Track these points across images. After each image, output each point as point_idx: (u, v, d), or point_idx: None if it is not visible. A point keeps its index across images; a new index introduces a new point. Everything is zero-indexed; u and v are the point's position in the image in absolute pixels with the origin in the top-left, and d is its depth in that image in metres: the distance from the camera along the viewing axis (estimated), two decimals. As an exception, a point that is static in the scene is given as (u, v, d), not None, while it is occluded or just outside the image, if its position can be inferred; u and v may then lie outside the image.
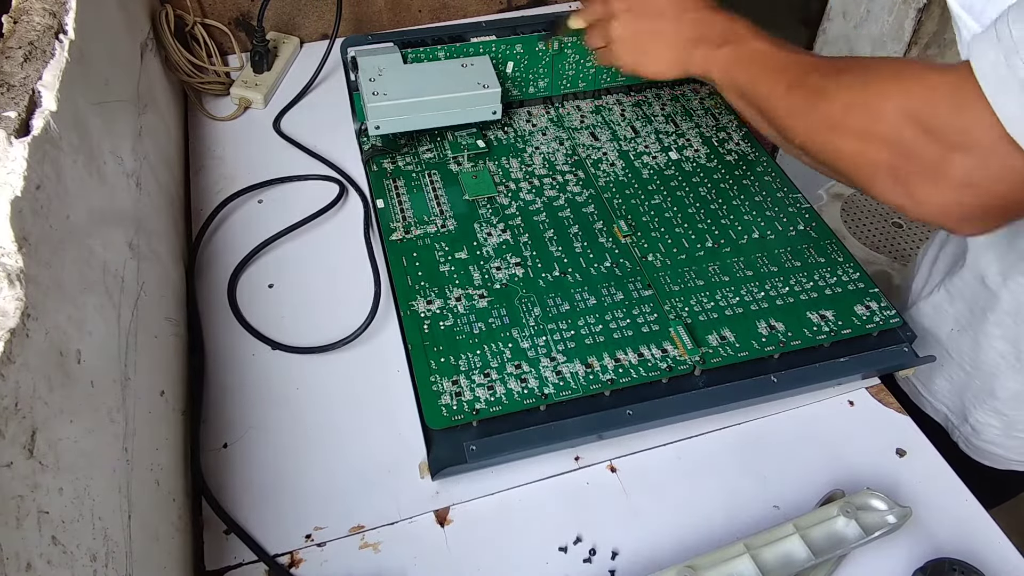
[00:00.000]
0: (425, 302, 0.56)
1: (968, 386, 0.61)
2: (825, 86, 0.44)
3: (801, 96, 0.45)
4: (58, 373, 0.33)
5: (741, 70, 0.51)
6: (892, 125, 0.39)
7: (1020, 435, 0.60)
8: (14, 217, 0.32)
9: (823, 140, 0.44)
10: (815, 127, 0.44)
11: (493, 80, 0.66)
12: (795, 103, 0.46)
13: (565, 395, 0.51)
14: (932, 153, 0.38)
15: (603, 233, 0.62)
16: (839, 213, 1.69)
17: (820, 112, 0.44)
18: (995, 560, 0.47)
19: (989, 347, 0.58)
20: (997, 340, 0.57)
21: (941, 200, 0.39)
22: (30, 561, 0.28)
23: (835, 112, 0.43)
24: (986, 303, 0.57)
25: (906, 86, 0.40)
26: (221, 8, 0.80)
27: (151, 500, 0.42)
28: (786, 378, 0.53)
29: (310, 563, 0.47)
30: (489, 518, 0.49)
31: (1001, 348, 0.57)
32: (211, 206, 0.66)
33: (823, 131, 0.44)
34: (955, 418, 0.64)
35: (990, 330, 0.57)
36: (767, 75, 0.48)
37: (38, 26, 0.43)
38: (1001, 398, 0.59)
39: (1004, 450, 0.62)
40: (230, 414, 0.53)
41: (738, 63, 0.51)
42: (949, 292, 0.61)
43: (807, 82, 0.45)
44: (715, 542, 0.47)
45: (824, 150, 0.44)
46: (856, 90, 0.42)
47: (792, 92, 0.46)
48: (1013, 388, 0.58)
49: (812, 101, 0.44)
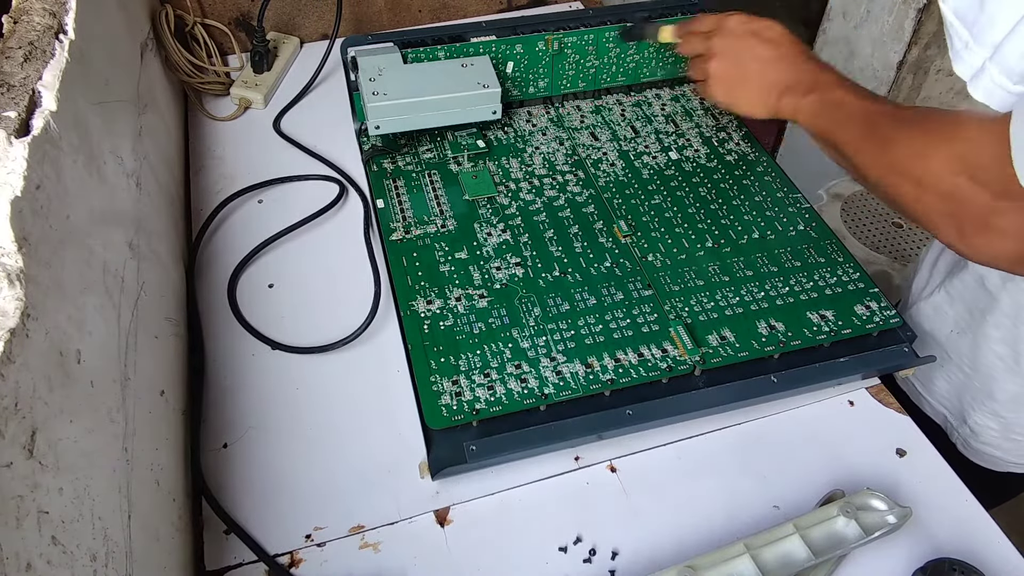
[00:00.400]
0: (425, 302, 0.56)
1: (967, 388, 0.61)
2: (892, 135, 0.47)
3: (873, 144, 0.49)
4: (58, 373, 0.33)
5: (823, 117, 0.54)
6: (943, 174, 0.42)
7: (1018, 437, 0.60)
8: (14, 217, 0.32)
9: (889, 184, 0.47)
10: (883, 172, 0.48)
11: (493, 80, 0.66)
12: (867, 150, 0.49)
13: (565, 395, 0.51)
14: (981, 201, 0.40)
15: (603, 233, 0.62)
16: (839, 213, 1.68)
17: (887, 159, 0.47)
18: (995, 560, 0.47)
19: (988, 349, 0.58)
20: (996, 343, 0.57)
21: (994, 246, 0.42)
22: (30, 561, 0.28)
23: (897, 160, 0.46)
24: (985, 305, 0.57)
25: (956, 136, 0.42)
26: (221, 8, 0.80)
27: (151, 500, 0.42)
28: (786, 378, 0.53)
29: (310, 563, 0.47)
30: (489, 518, 0.49)
31: (1000, 351, 0.57)
32: (211, 206, 0.66)
33: (889, 176, 0.47)
34: (954, 419, 0.64)
35: (989, 332, 0.57)
36: (846, 123, 0.52)
37: (38, 26, 0.43)
38: (999, 400, 0.59)
39: (1002, 452, 0.62)
40: (230, 414, 0.53)
41: (822, 111, 0.54)
42: (949, 294, 0.61)
43: (878, 131, 0.49)
44: (715, 542, 0.47)
45: (892, 194, 0.47)
46: (914, 139, 0.45)
47: (866, 139, 0.49)
48: (1011, 391, 0.58)
49: (882, 148, 0.48)
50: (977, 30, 0.41)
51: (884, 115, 0.49)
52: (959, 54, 0.43)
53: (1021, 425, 0.59)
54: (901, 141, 0.46)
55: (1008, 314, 0.55)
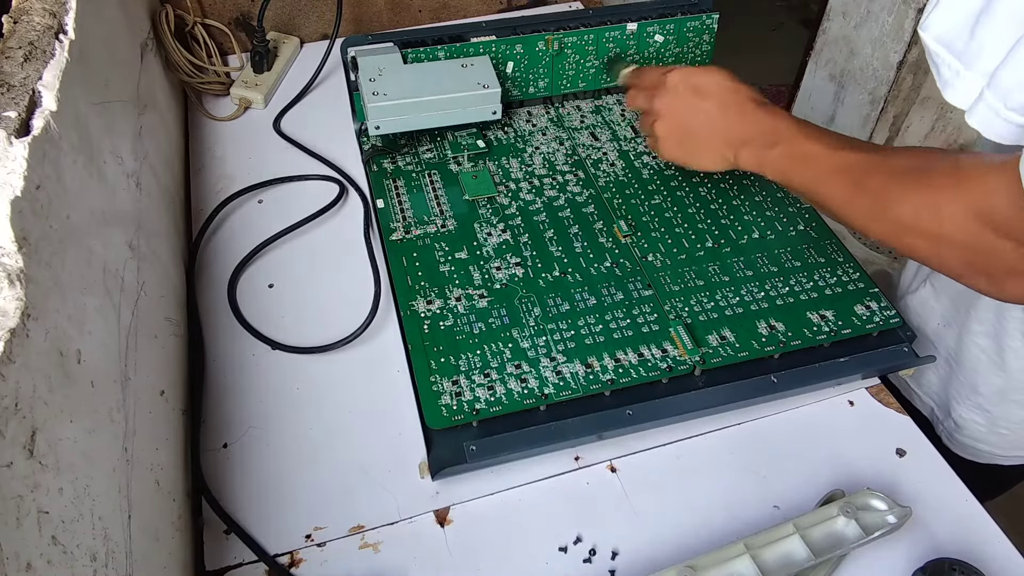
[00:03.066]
0: (425, 302, 0.56)
1: (952, 381, 0.62)
2: (889, 190, 0.44)
3: (868, 201, 0.46)
4: (58, 373, 0.33)
5: (796, 173, 0.51)
6: (960, 226, 0.40)
7: (1004, 431, 0.60)
8: (14, 217, 0.32)
9: (899, 242, 0.45)
10: (888, 230, 0.45)
11: (493, 80, 0.66)
12: (863, 208, 0.46)
13: (565, 395, 0.51)
14: (1004, 249, 0.39)
15: (603, 233, 0.62)
16: (839, 213, 1.68)
17: (890, 216, 0.44)
18: (995, 560, 0.47)
19: (972, 343, 0.58)
20: (979, 336, 0.57)
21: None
22: (30, 561, 0.28)
23: (903, 217, 0.43)
24: (969, 300, 0.57)
25: (965, 185, 0.40)
26: (221, 8, 0.80)
27: (151, 500, 0.42)
28: (786, 378, 0.53)
29: (310, 563, 0.47)
30: (489, 518, 0.49)
31: (983, 344, 0.57)
32: (211, 206, 0.66)
33: (897, 234, 0.44)
34: (939, 412, 0.65)
35: (973, 327, 0.58)
36: (826, 180, 0.49)
37: (38, 26, 0.43)
38: (984, 394, 0.59)
39: (988, 446, 0.62)
40: (230, 414, 0.53)
41: (792, 167, 0.51)
42: (934, 287, 0.62)
43: (869, 186, 0.45)
44: (715, 542, 0.47)
45: (903, 249, 0.45)
46: (920, 193, 0.42)
47: (858, 198, 0.46)
48: (996, 384, 0.58)
49: (881, 205, 0.44)
50: (968, 58, 0.40)
51: (871, 168, 0.46)
52: (949, 82, 0.42)
53: (1006, 419, 0.60)
54: (903, 198, 0.43)
55: (991, 308, 0.56)
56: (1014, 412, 0.59)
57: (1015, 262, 0.39)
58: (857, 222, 0.47)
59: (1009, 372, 0.57)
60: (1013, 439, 0.60)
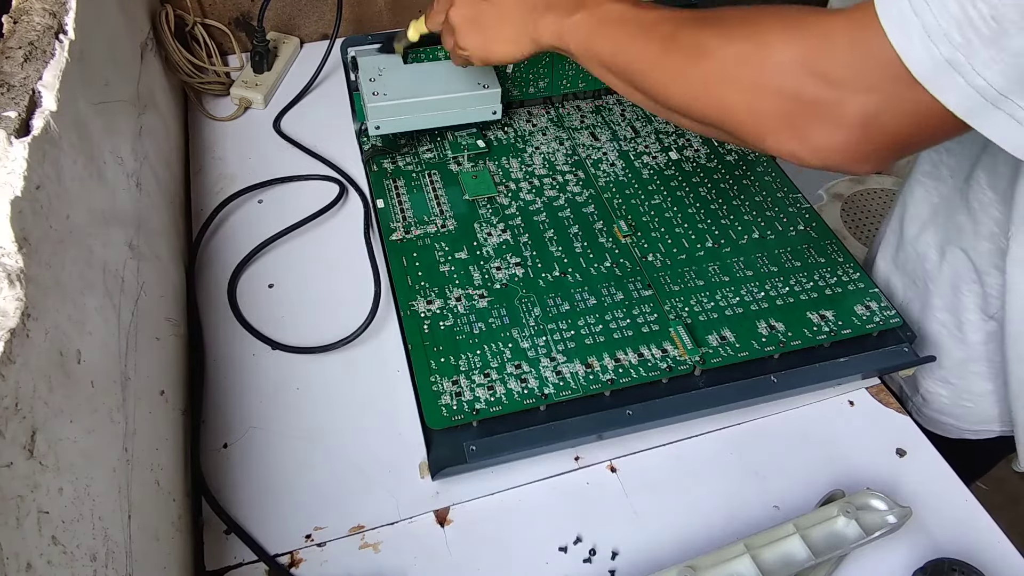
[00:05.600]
0: (425, 302, 0.56)
1: None
2: (705, 42, 0.41)
3: (680, 56, 0.42)
4: (58, 373, 0.33)
5: (602, 38, 0.46)
6: (787, 74, 0.38)
7: (967, 403, 0.61)
8: (14, 217, 0.32)
9: (707, 99, 0.41)
10: (698, 86, 0.41)
11: (493, 80, 0.66)
12: (672, 64, 0.43)
13: (565, 395, 0.51)
14: (830, 97, 0.37)
15: (603, 233, 0.62)
16: (839, 213, 1.69)
17: (703, 69, 0.41)
18: (995, 560, 0.47)
19: (932, 317, 0.59)
20: (939, 311, 0.59)
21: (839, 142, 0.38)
22: (30, 561, 0.28)
23: (721, 68, 0.40)
24: (927, 275, 0.59)
25: (799, 34, 0.38)
26: (221, 8, 0.80)
27: (151, 500, 0.42)
28: (786, 378, 0.53)
29: (310, 563, 0.47)
30: (489, 518, 0.49)
31: (943, 318, 0.59)
32: (211, 206, 0.66)
33: (708, 89, 0.41)
34: (908, 388, 0.66)
35: (933, 301, 0.59)
36: (633, 39, 0.44)
37: (38, 26, 0.43)
38: (946, 367, 0.60)
39: (954, 419, 0.63)
40: (230, 414, 0.53)
41: (597, 30, 0.46)
42: (895, 264, 0.63)
43: (682, 40, 0.42)
44: (715, 542, 0.47)
45: (708, 109, 0.41)
46: (744, 42, 0.39)
47: (668, 54, 0.43)
48: (957, 356, 0.59)
49: (693, 59, 0.41)
50: None
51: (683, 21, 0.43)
52: None
53: (969, 391, 0.60)
54: (721, 48, 0.40)
55: (947, 282, 0.57)
56: (976, 384, 0.59)
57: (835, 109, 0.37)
58: (661, 85, 0.43)
59: (969, 344, 0.58)
60: (977, 411, 0.61)
